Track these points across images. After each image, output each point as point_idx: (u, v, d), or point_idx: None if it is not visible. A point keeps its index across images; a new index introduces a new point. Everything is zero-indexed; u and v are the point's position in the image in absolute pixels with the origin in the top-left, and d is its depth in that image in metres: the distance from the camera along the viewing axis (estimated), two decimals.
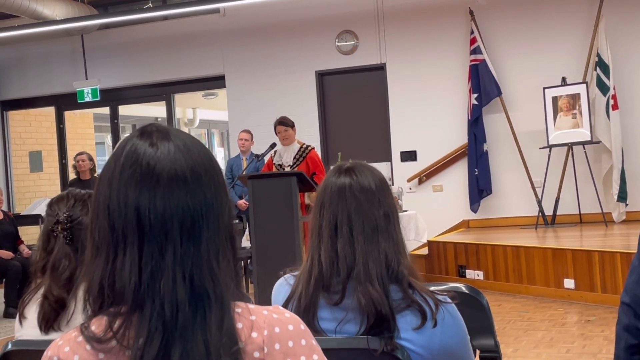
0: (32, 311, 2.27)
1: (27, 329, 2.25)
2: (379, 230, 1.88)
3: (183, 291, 1.15)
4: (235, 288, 1.23)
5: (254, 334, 1.19)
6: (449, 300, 1.87)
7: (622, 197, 8.86)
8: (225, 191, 1.27)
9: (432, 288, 1.92)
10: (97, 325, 1.18)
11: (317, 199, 1.98)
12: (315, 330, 1.85)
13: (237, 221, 8.58)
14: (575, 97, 8.94)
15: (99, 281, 1.19)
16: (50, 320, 2.19)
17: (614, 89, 8.92)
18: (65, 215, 2.33)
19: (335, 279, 1.86)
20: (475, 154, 9.61)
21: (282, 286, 2.03)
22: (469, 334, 1.96)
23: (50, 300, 2.20)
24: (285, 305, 1.92)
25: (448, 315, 1.83)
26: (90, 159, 9.57)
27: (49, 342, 1.27)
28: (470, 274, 8.06)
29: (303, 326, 1.25)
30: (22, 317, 2.30)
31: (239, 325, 1.19)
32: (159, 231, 1.17)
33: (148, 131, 1.25)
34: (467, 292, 2.44)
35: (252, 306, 1.24)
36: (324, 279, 1.87)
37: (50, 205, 2.43)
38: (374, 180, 1.95)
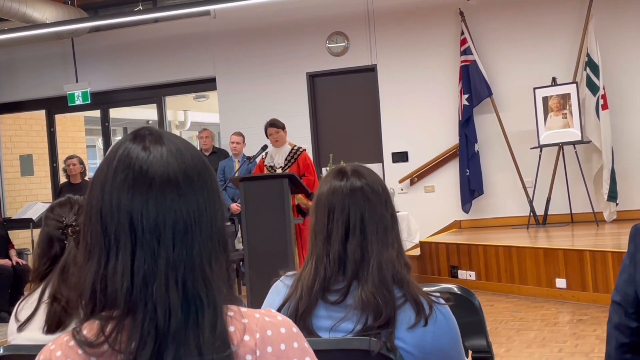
0: (28, 314, 2.27)
1: (27, 332, 2.24)
2: (388, 231, 1.91)
3: (176, 295, 1.15)
4: (227, 292, 1.23)
5: (246, 337, 1.19)
6: (442, 301, 1.88)
7: (613, 196, 8.89)
8: (219, 195, 1.26)
9: (425, 289, 1.93)
10: (89, 330, 1.18)
11: (321, 202, 1.96)
12: (310, 332, 1.84)
13: (229, 223, 8.61)
14: (565, 97, 8.97)
15: (91, 285, 1.18)
16: (62, 321, 2.19)
17: (604, 88, 8.95)
18: (74, 219, 2.33)
19: (339, 277, 1.87)
20: (466, 155, 9.63)
21: (280, 289, 2.02)
22: (461, 335, 1.96)
23: (60, 302, 2.20)
24: (282, 305, 1.92)
25: (441, 316, 1.84)
26: (81, 162, 9.56)
27: (41, 346, 1.27)
28: (463, 274, 8.07)
29: (295, 329, 1.25)
30: (17, 320, 2.29)
31: (231, 328, 1.19)
32: (152, 235, 1.17)
33: (141, 135, 1.25)
34: (459, 292, 2.45)
35: (244, 309, 1.24)
36: (327, 280, 1.87)
37: (51, 210, 2.42)
38: (379, 183, 1.98)
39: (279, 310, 1.90)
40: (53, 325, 2.19)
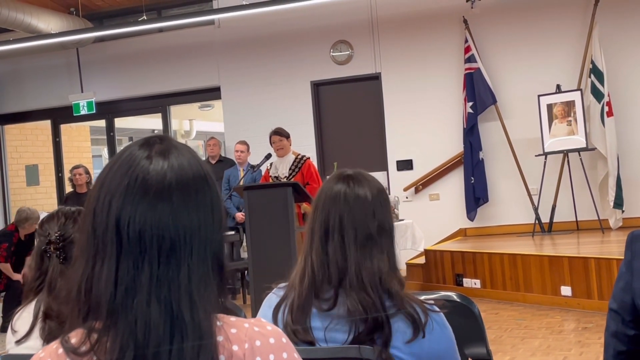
0: (24, 324, 2.28)
1: (29, 340, 2.25)
2: (372, 240, 1.88)
3: (157, 313, 1.13)
4: (220, 304, 1.21)
5: (235, 347, 1.17)
6: (436, 309, 1.87)
7: (618, 203, 8.86)
8: (220, 218, 1.23)
9: (423, 297, 1.92)
10: (77, 338, 1.17)
11: (313, 203, 1.99)
12: (307, 330, 1.83)
13: (233, 232, 8.61)
14: (570, 104, 8.95)
15: (78, 284, 1.18)
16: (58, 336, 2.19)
17: (609, 95, 8.93)
18: (57, 234, 2.33)
19: (326, 284, 1.86)
20: (471, 162, 9.61)
21: (272, 301, 2.02)
22: (461, 342, 1.95)
23: (52, 317, 2.20)
24: (277, 308, 1.92)
25: (435, 324, 1.83)
26: (87, 172, 9.56)
27: None
28: (468, 282, 8.05)
29: (285, 339, 1.23)
30: (14, 331, 2.30)
31: (220, 338, 1.17)
32: (136, 247, 1.15)
33: (150, 143, 1.23)
34: (458, 300, 2.44)
35: (233, 319, 1.22)
36: (316, 282, 1.87)
37: (40, 225, 2.44)
38: (370, 191, 1.95)
39: (275, 311, 1.90)
40: (51, 341, 2.19)
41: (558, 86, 9.09)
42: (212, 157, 9.88)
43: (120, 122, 12.58)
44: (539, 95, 9.09)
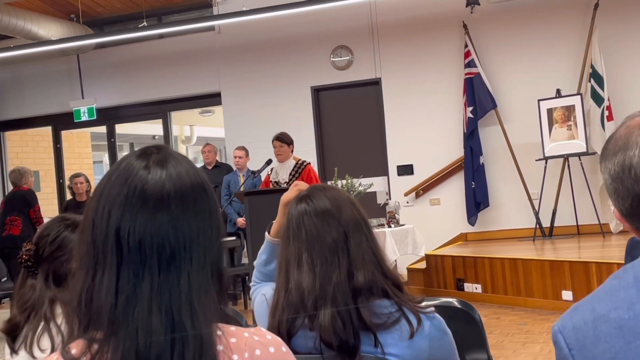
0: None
1: (23, 351, 2.26)
2: (338, 250, 1.86)
3: (158, 322, 1.14)
4: (220, 312, 1.21)
5: (235, 357, 1.17)
6: (430, 309, 1.86)
7: None
8: (218, 226, 1.24)
9: (424, 304, 1.92)
10: (77, 349, 1.17)
11: (283, 232, 1.97)
12: (296, 351, 1.83)
13: (234, 238, 8.61)
14: (570, 109, 8.95)
15: (78, 295, 1.18)
16: (10, 344, 2.19)
17: (609, 100, 8.94)
18: (27, 248, 2.29)
19: (308, 307, 1.84)
20: (471, 167, 9.61)
21: (263, 306, 2.01)
22: (462, 348, 1.95)
23: (6, 325, 2.20)
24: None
25: (434, 329, 1.83)
26: (87, 180, 9.55)
27: None
28: (469, 287, 8.04)
29: (285, 348, 1.23)
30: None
31: (220, 347, 1.17)
32: (136, 256, 1.16)
33: (147, 153, 1.24)
34: (459, 306, 2.45)
35: (233, 328, 1.22)
36: (299, 308, 1.85)
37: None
38: (329, 201, 1.93)
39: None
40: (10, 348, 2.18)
41: (558, 90, 9.09)
42: (208, 163, 9.89)
43: (121, 128, 12.59)
44: (539, 100, 9.10)
